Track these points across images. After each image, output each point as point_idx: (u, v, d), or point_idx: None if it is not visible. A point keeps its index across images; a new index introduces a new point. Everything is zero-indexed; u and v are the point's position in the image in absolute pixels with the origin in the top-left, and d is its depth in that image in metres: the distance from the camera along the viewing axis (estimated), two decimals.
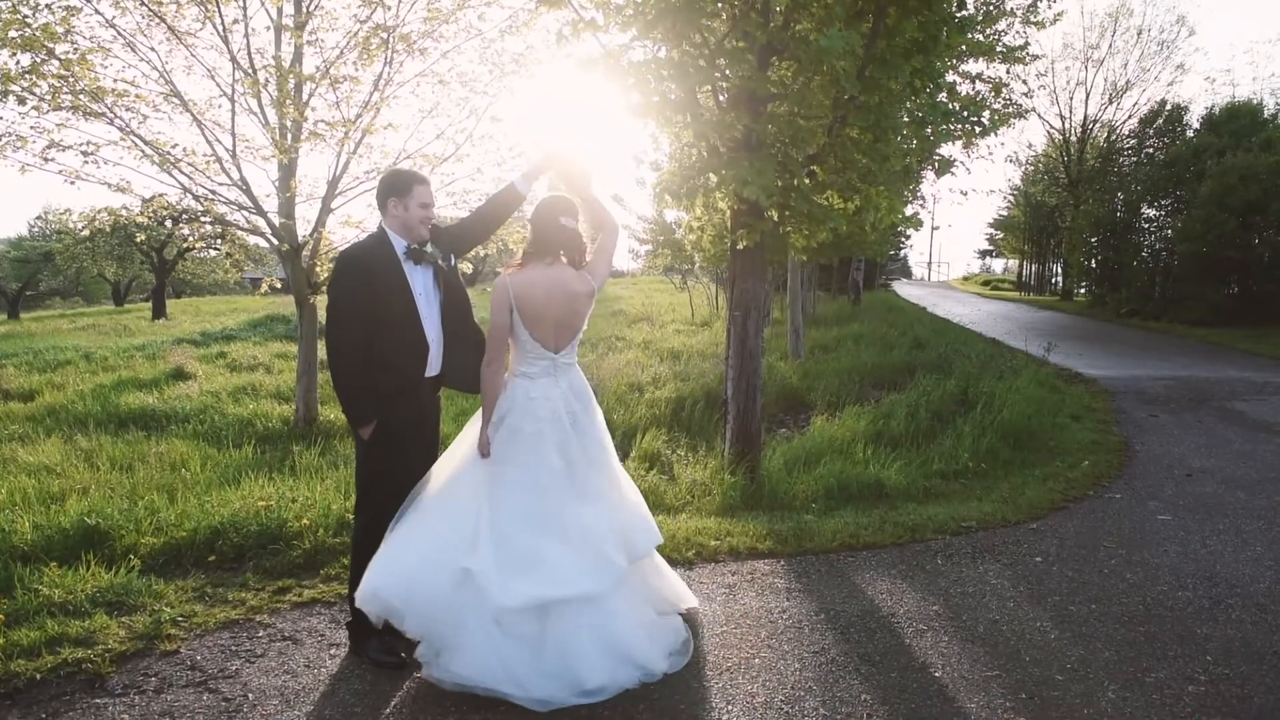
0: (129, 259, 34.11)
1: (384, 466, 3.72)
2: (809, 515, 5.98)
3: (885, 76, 5.50)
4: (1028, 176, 43.25)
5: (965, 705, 3.38)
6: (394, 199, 3.69)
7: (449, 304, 3.81)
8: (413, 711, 3.29)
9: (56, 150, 7.33)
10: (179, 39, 7.67)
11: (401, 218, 3.69)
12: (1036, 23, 15.26)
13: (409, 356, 3.69)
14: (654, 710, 3.29)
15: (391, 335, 3.62)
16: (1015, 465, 7.53)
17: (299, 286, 8.51)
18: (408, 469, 3.75)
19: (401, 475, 3.72)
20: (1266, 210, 22.50)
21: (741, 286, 6.56)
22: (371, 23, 7.99)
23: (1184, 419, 9.88)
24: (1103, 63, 35.36)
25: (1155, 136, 31.99)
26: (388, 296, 3.61)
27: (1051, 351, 13.70)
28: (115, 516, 5.05)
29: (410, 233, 3.71)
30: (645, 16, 5.23)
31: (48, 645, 3.69)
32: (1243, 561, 5.16)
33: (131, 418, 9.09)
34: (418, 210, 3.69)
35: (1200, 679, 3.64)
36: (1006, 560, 5.15)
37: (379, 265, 3.63)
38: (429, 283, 3.75)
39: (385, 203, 3.72)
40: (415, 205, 3.69)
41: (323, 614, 4.20)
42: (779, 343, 15.35)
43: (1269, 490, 6.81)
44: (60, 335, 20.64)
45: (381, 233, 3.73)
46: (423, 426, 3.86)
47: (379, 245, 3.69)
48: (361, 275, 3.60)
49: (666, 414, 9.23)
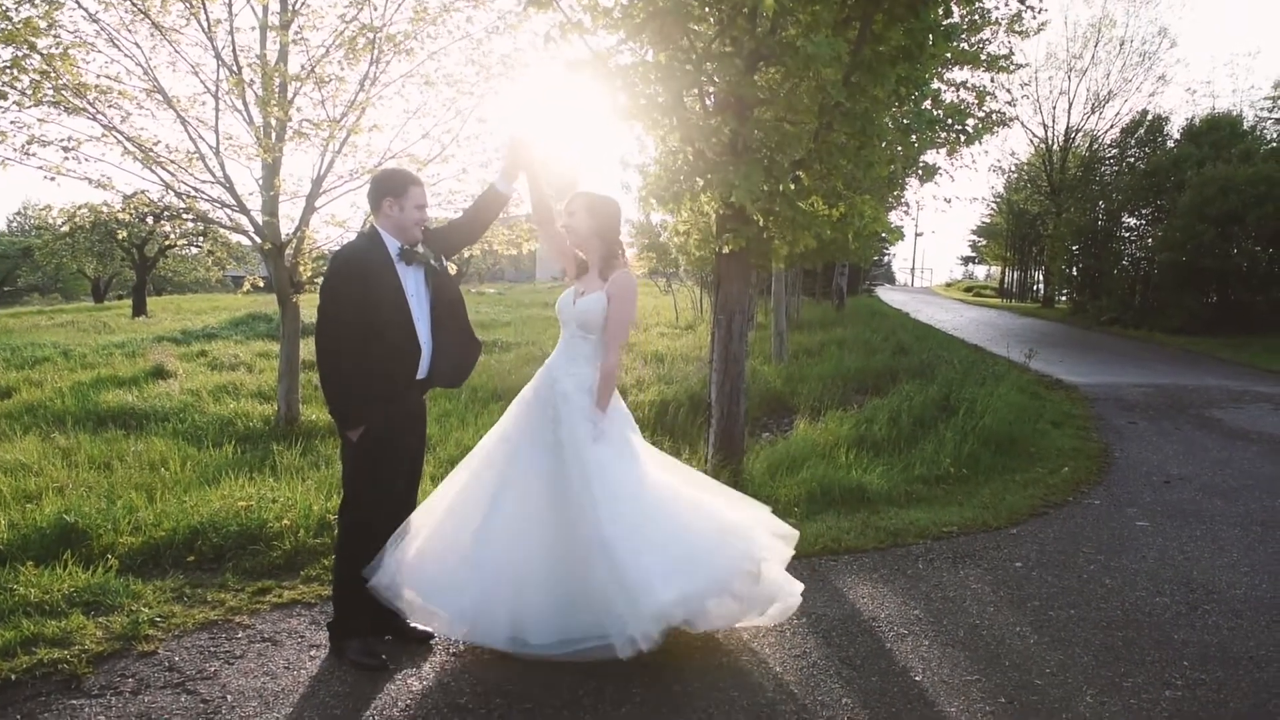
0: (109, 255, 33.77)
1: (371, 470, 3.68)
2: (791, 519, 5.97)
3: (871, 83, 5.54)
4: (1011, 184, 43.56)
5: (945, 709, 3.40)
6: (389, 199, 3.65)
7: (441, 305, 3.78)
8: (393, 714, 3.27)
9: (37, 145, 7.24)
10: (163, 35, 7.59)
11: (396, 219, 3.66)
12: (1020, 32, 15.41)
13: (401, 360, 3.65)
14: (635, 713, 3.29)
15: (384, 338, 3.58)
16: (996, 471, 7.58)
17: (281, 285, 8.45)
18: (395, 472, 3.73)
19: (388, 479, 3.70)
20: (1245, 220, 22.75)
21: (726, 290, 6.57)
22: (358, 22, 7.96)
23: (1163, 426, 9.97)
24: (1085, 72, 35.63)
25: (1136, 146, 32.26)
26: (381, 299, 3.57)
27: (1033, 358, 13.80)
28: (93, 515, 4.99)
29: (404, 234, 3.68)
30: (633, 19, 5.24)
31: (23, 645, 3.64)
32: (1219, 568, 5.22)
33: (110, 416, 8.98)
34: (413, 212, 3.67)
35: (1177, 684, 3.68)
36: (987, 565, 5.18)
37: (373, 267, 3.59)
38: (420, 284, 3.72)
39: (380, 203, 3.67)
40: (411, 206, 3.66)
41: (303, 615, 4.18)
42: (763, 347, 15.38)
43: (1245, 497, 6.89)
44: (38, 332, 20.37)
45: (374, 233, 3.69)
46: (411, 430, 3.84)
47: (373, 246, 3.65)
48: (357, 277, 3.56)
49: (650, 417, 9.23)
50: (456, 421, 8.62)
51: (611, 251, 3.91)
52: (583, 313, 3.83)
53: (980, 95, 12.95)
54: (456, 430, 8.13)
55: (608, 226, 3.92)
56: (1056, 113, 36.96)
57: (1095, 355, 18.59)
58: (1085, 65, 35.42)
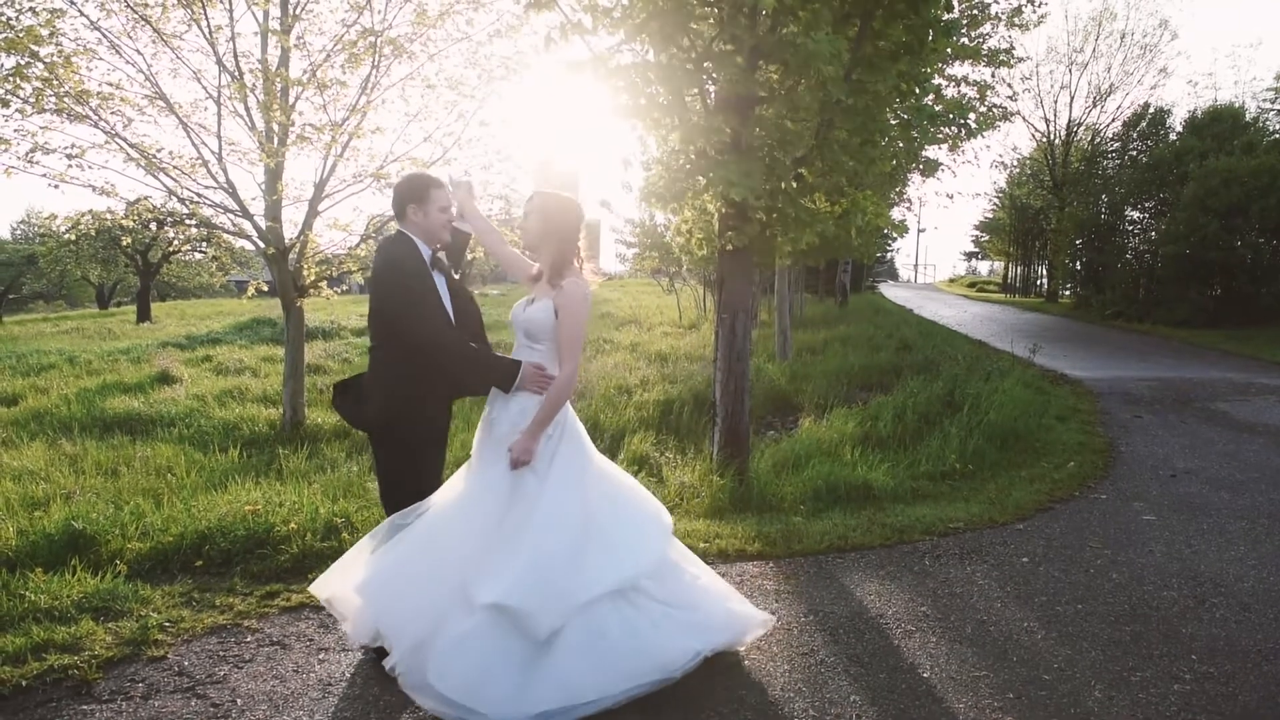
0: (113, 262, 33.82)
1: (419, 473, 3.70)
2: (797, 517, 6.00)
3: (872, 80, 5.54)
4: (1013, 179, 43.49)
5: (953, 705, 3.40)
6: (413, 205, 3.64)
7: (462, 313, 3.76)
8: (402, 716, 3.28)
9: (41, 153, 7.27)
10: (165, 41, 7.62)
11: (422, 224, 3.65)
12: (1021, 25, 15.38)
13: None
14: (643, 712, 3.29)
15: None
16: (1002, 466, 7.58)
17: (285, 289, 8.47)
18: (435, 476, 3.76)
19: (429, 482, 3.71)
20: (1248, 213, 22.69)
21: (729, 289, 6.57)
22: (359, 26, 7.97)
23: (1168, 420, 9.95)
24: (1086, 66, 35.66)
25: (1139, 139, 32.16)
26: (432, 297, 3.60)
27: (1037, 353, 13.79)
28: (101, 522, 5.01)
29: (432, 238, 3.68)
30: (633, 19, 5.25)
31: (34, 652, 3.66)
32: (1227, 561, 5.21)
33: (116, 422, 9.01)
34: (438, 214, 3.66)
35: (1185, 678, 3.67)
36: (993, 561, 5.18)
37: (420, 267, 3.61)
38: (444, 290, 3.71)
39: (404, 209, 3.66)
40: (434, 210, 3.65)
41: (311, 619, 4.19)
42: (766, 345, 15.38)
43: (1252, 490, 6.88)
44: (43, 339, 20.44)
45: (404, 237, 3.66)
46: (447, 434, 3.90)
47: (411, 251, 3.62)
48: (416, 274, 3.56)
49: (655, 416, 9.23)
50: (462, 422, 8.62)
51: (564, 258, 3.60)
52: (529, 321, 3.58)
53: (982, 90, 12.93)
54: (462, 431, 8.13)
55: (563, 231, 3.61)
56: (1058, 107, 37.02)
57: (1100, 349, 18.56)
58: (1086, 59, 35.47)
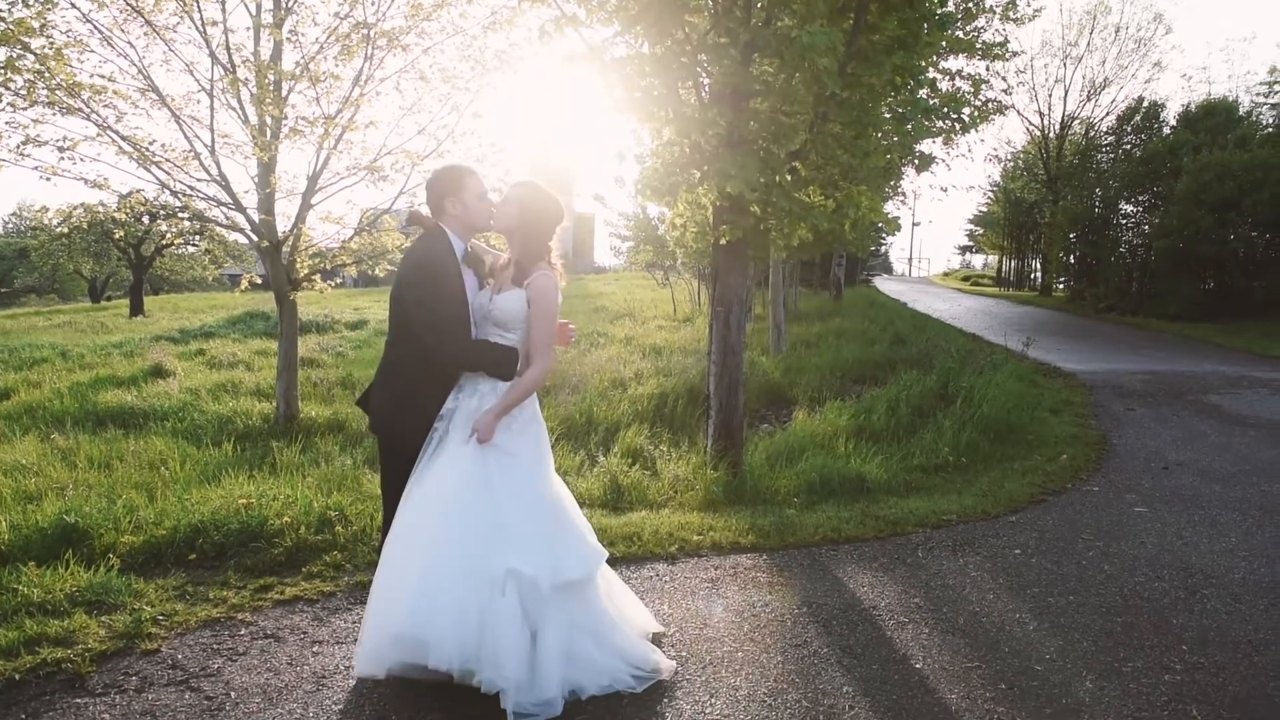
0: (106, 255, 33.71)
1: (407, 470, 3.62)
2: (791, 510, 6.02)
3: (867, 73, 5.54)
4: (1007, 173, 43.58)
5: (946, 696, 3.42)
6: (450, 198, 3.53)
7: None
8: (396, 707, 3.29)
9: (32, 146, 7.23)
10: (157, 34, 7.57)
11: (461, 216, 3.55)
12: (1015, 19, 15.38)
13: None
14: (636, 704, 3.30)
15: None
16: (995, 459, 7.61)
17: (279, 283, 8.44)
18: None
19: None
20: (1241, 207, 22.77)
21: (724, 282, 6.58)
22: (352, 19, 7.94)
23: (1161, 413, 9.99)
24: (1081, 60, 35.71)
25: (1133, 133, 32.26)
26: (453, 297, 3.48)
27: (1030, 346, 13.82)
28: (94, 515, 4.99)
29: (473, 229, 3.60)
30: (628, 11, 5.25)
31: (26, 645, 3.65)
32: (1218, 552, 5.24)
33: (109, 416, 8.98)
34: (476, 203, 3.56)
35: (1176, 668, 3.70)
36: (986, 553, 5.20)
37: (449, 267, 3.48)
38: (472, 288, 3.60)
39: (441, 204, 3.55)
40: (472, 198, 3.55)
41: (305, 611, 4.19)
42: (761, 338, 15.40)
43: (1243, 483, 6.91)
44: (36, 333, 20.36)
45: (439, 233, 3.55)
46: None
47: (447, 252, 3.51)
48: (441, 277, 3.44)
49: (649, 410, 9.24)
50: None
51: (534, 254, 3.57)
52: (500, 310, 3.53)
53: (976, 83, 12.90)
54: None
55: (538, 227, 3.58)
56: (1052, 100, 37.17)
57: (1093, 342, 18.62)
58: (1081, 52, 35.52)
